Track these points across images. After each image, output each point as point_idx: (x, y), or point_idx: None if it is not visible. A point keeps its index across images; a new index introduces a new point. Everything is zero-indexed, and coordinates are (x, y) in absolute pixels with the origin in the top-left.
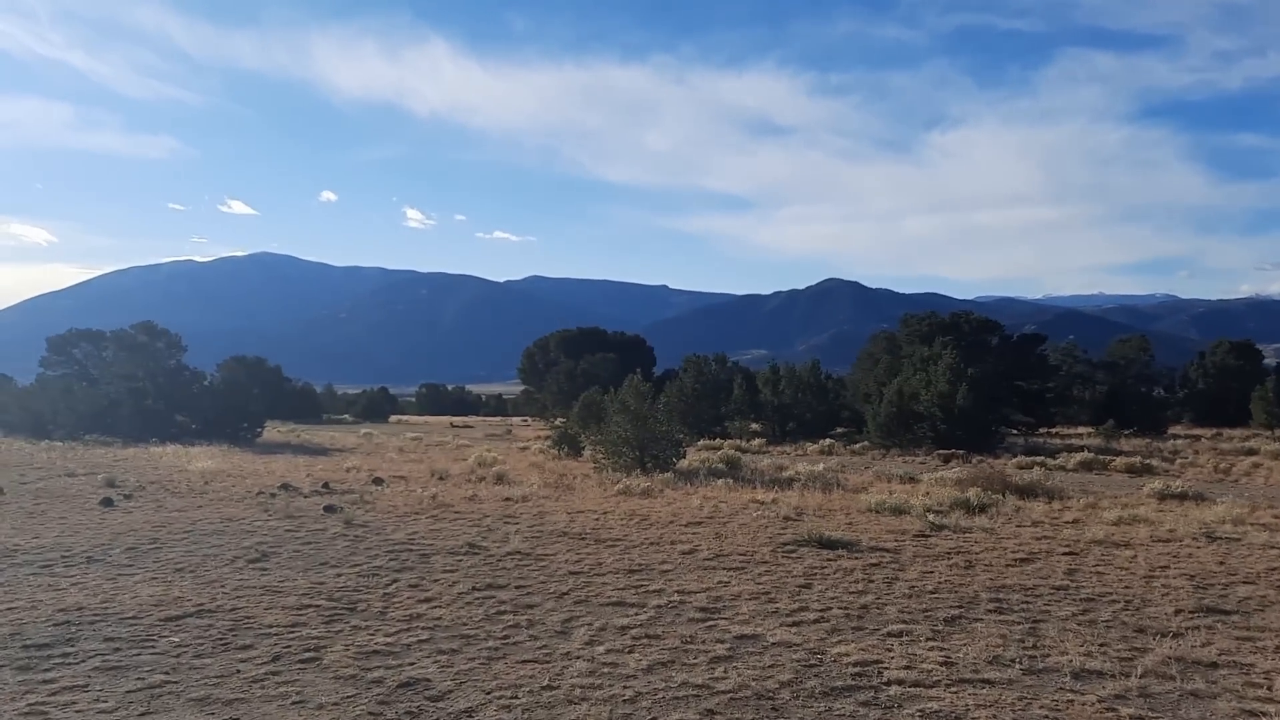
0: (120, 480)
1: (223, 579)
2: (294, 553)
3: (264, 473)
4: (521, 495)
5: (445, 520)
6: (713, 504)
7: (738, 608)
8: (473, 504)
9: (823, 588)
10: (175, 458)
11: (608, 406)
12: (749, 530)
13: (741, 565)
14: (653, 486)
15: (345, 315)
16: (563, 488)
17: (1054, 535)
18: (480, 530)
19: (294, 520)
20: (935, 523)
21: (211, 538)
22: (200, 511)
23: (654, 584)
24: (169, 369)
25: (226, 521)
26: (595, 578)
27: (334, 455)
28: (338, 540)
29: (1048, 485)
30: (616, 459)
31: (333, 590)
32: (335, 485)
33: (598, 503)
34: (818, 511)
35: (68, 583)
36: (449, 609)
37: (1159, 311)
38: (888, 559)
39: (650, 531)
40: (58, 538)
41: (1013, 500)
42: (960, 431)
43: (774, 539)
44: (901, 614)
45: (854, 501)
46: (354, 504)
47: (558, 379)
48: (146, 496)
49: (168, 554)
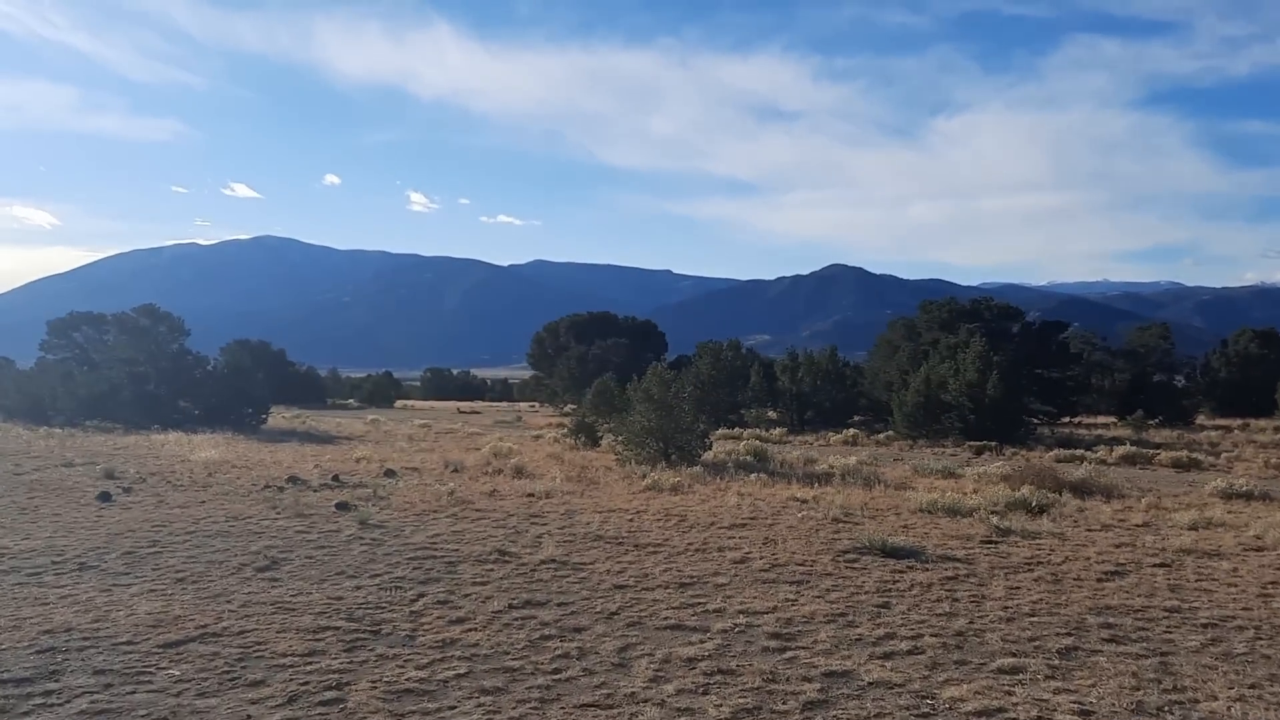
0: (119, 471)
1: (229, 591)
2: (306, 559)
3: (270, 463)
4: (544, 491)
5: (467, 520)
6: (750, 502)
7: (814, 634)
8: (494, 501)
9: (904, 608)
10: (177, 446)
11: (631, 395)
12: (800, 535)
13: (803, 578)
14: (682, 482)
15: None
16: (586, 482)
17: (1132, 542)
18: (507, 533)
19: (304, 519)
20: (999, 526)
21: (216, 540)
22: (203, 508)
23: (711, 601)
24: (171, 353)
25: (232, 520)
26: (644, 593)
27: (341, 443)
28: (353, 544)
29: (1101, 482)
30: (639, 451)
31: (352, 607)
32: (345, 478)
33: (626, 500)
34: (866, 512)
35: (56, 595)
36: (486, 633)
37: (1163, 299)
38: (963, 571)
39: (692, 535)
40: (50, 538)
41: (1071, 500)
42: (990, 422)
43: (830, 545)
44: (1006, 644)
45: (901, 500)
46: (367, 500)
47: (568, 364)
48: (146, 490)
49: (168, 559)
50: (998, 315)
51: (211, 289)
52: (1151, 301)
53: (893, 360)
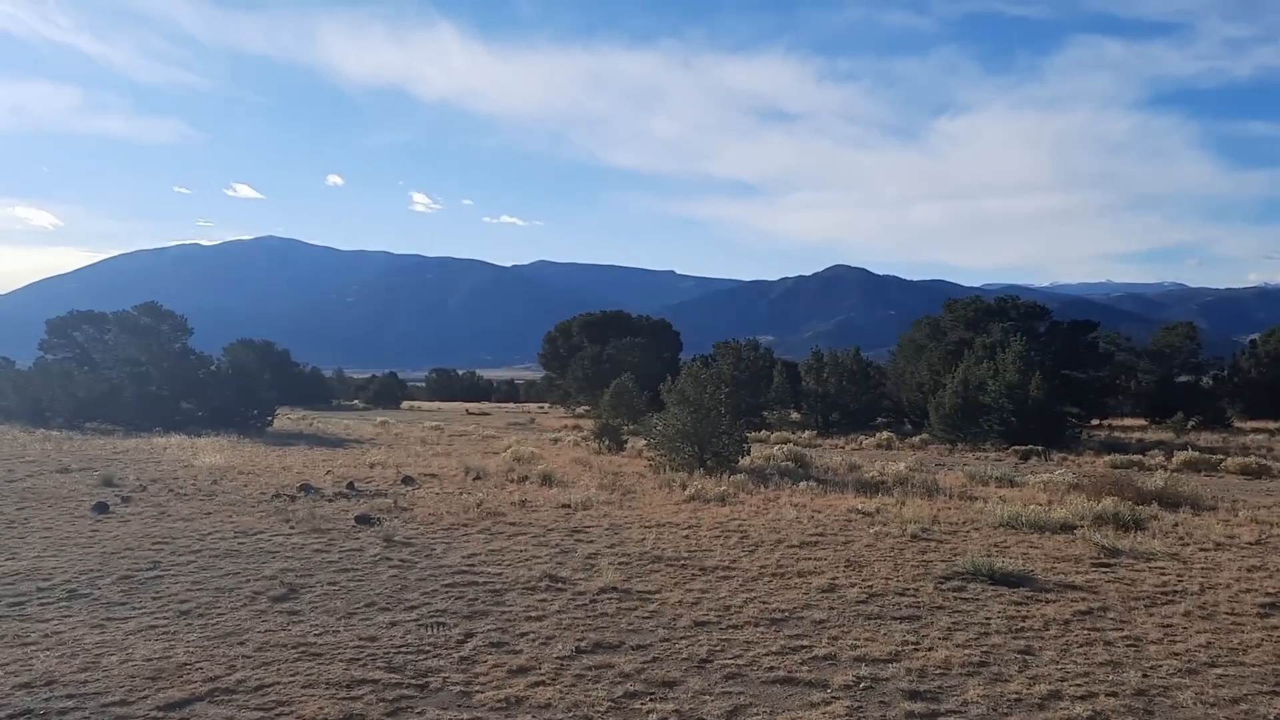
0: (118, 478)
1: (241, 629)
2: (328, 586)
3: (279, 469)
4: (580, 501)
5: (502, 536)
6: (808, 515)
7: (960, 691)
8: (527, 512)
9: (1052, 654)
10: (180, 450)
11: (664, 396)
12: (883, 555)
13: (912, 612)
14: (728, 491)
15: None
16: (621, 491)
17: (1262, 564)
18: (551, 552)
19: (322, 535)
20: (1104, 545)
21: (224, 561)
22: (209, 521)
23: (816, 644)
24: (174, 353)
25: (241, 536)
26: (732, 632)
27: (352, 447)
28: (380, 566)
29: (1183, 493)
30: (673, 456)
31: (390, 651)
32: (361, 485)
33: (672, 512)
34: (943, 527)
35: (39, 633)
36: (556, 688)
37: (1167, 300)
38: (1094, 604)
39: (761, 556)
40: (38, 558)
41: (1159, 513)
42: (1033, 425)
43: (924, 569)
44: (1206, 707)
45: (974, 513)
46: (389, 512)
47: (582, 365)
48: (147, 500)
49: (170, 585)
50: (1024, 314)
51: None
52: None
53: (920, 360)
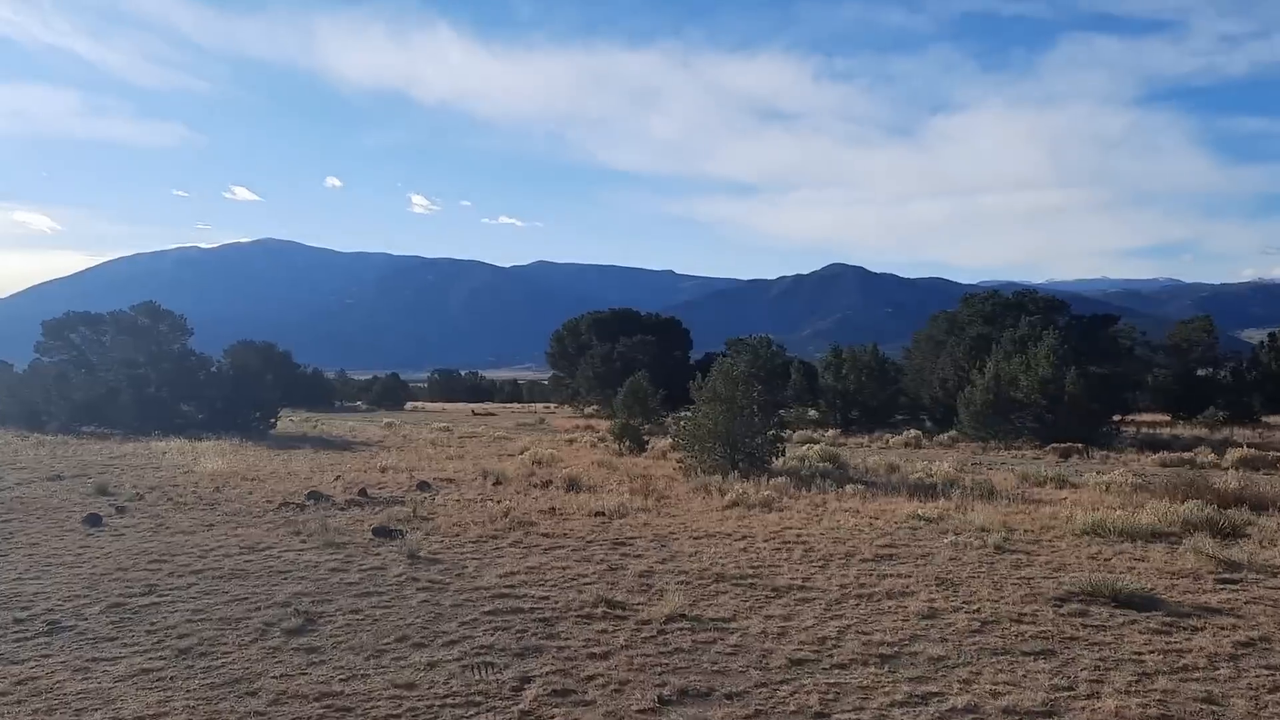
0: (114, 487)
1: (252, 673)
2: (351, 614)
3: (284, 475)
4: (614, 508)
5: (537, 549)
6: (867, 522)
7: None
8: (559, 521)
9: (1244, 705)
10: (180, 455)
11: (694, 394)
12: (973, 571)
13: (1043, 646)
14: (771, 495)
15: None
16: (655, 495)
17: None
18: (598, 570)
19: (338, 551)
20: (1218, 557)
21: (229, 583)
22: (212, 534)
23: (949, 691)
24: (173, 354)
25: (247, 553)
26: (838, 674)
27: (360, 450)
28: (407, 589)
29: (1266, 495)
30: (705, 458)
31: (433, 703)
32: (374, 492)
33: (717, 520)
34: (1022, 535)
35: (11, 679)
36: None
37: (1162, 296)
38: (1249, 631)
39: (834, 573)
40: (19, 580)
41: (1249, 516)
42: (1070, 422)
43: (1031, 588)
44: None
45: (1046, 518)
46: (407, 521)
47: (592, 363)
48: (144, 510)
49: (167, 615)
50: (1043, 308)
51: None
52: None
53: (939, 357)
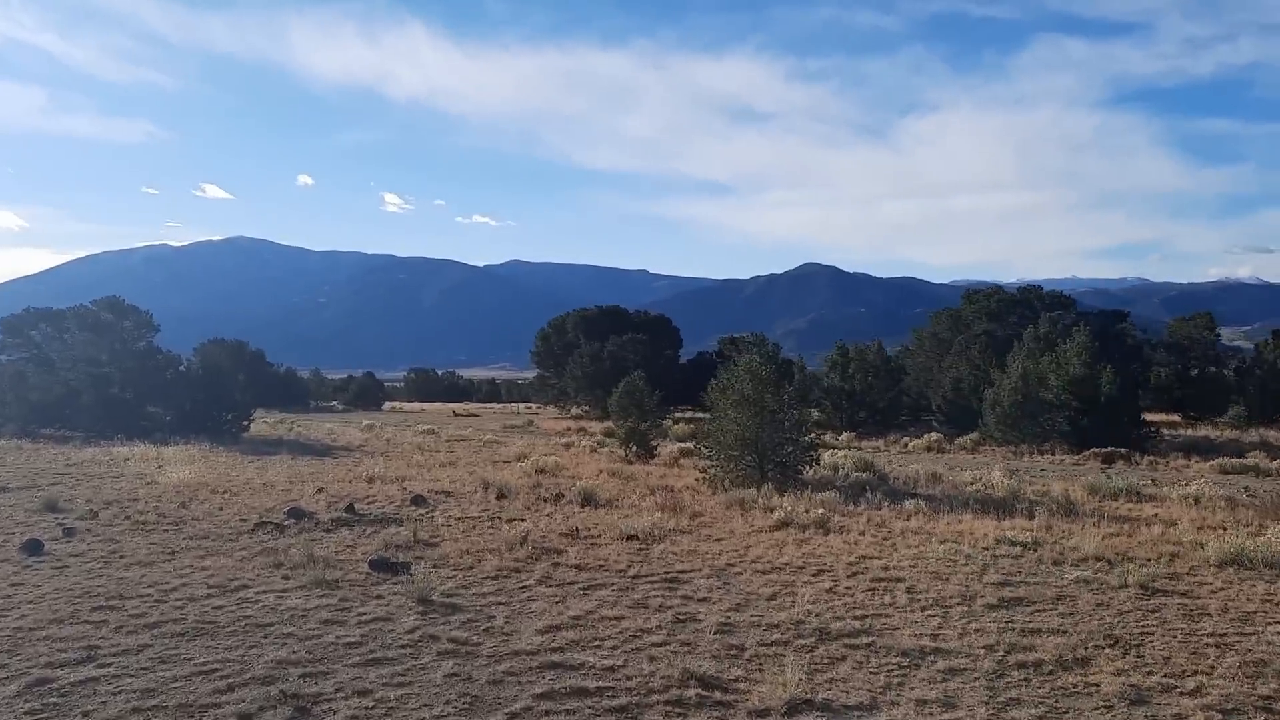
0: (65, 501)
1: None
2: (357, 697)
3: (260, 486)
4: (646, 530)
5: (576, 589)
6: (951, 548)
7: None
8: (587, 547)
9: None
10: (144, 462)
11: (714, 397)
12: (1141, 624)
13: None
14: (825, 514)
15: (324, 300)
16: (686, 514)
17: None
18: (661, 622)
19: (329, 592)
20: None
21: (193, 645)
22: (174, 566)
23: None
24: (138, 351)
25: (217, 594)
26: None
27: (341, 456)
28: (425, 652)
29: None
30: (731, 467)
31: None
32: (363, 508)
33: (771, 544)
34: (1159, 570)
35: None
36: None
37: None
38: None
39: (962, 625)
40: None
41: None
42: (1105, 424)
43: (1244, 657)
44: None
45: (1150, 541)
46: (408, 548)
47: (581, 363)
48: (96, 532)
49: (106, 703)
50: (1048, 305)
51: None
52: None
53: (949, 354)
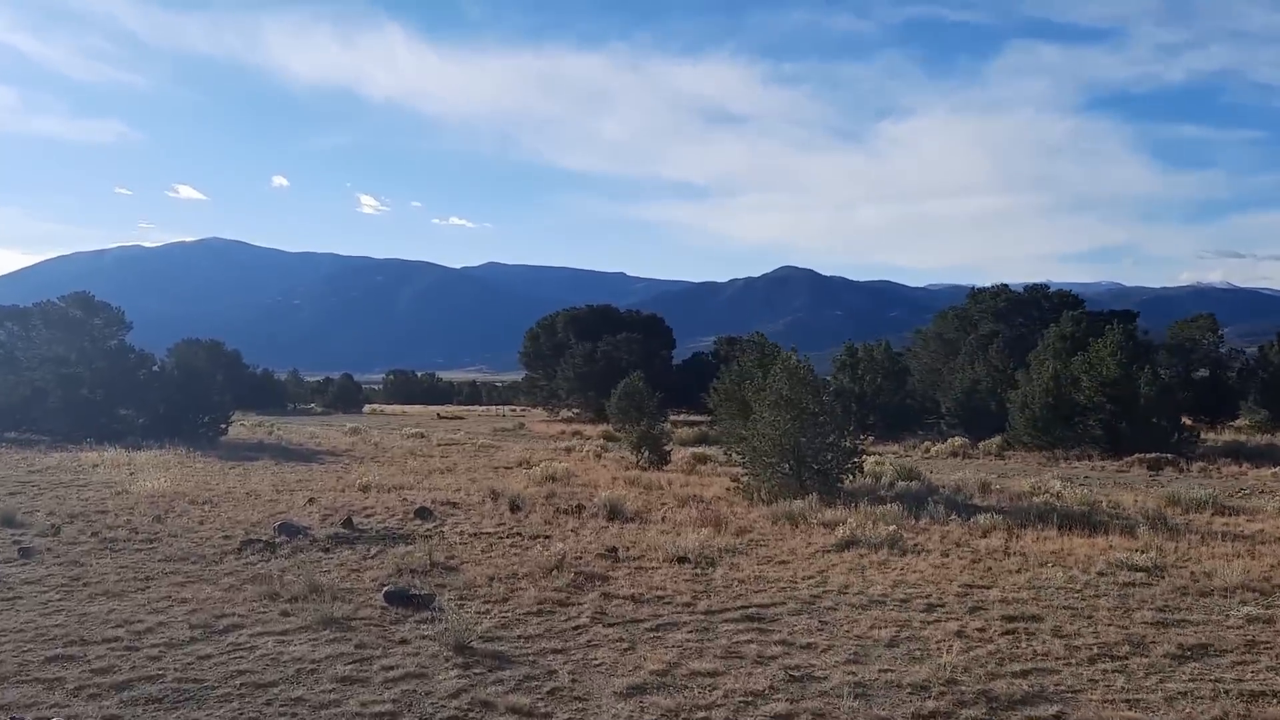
0: (24, 514)
1: None
2: None
3: (243, 496)
4: (695, 549)
5: (643, 628)
6: (1063, 573)
7: None
8: (634, 572)
9: None
10: (114, 469)
11: (749, 398)
12: None
13: None
14: (897, 533)
15: (299, 302)
16: (731, 529)
17: None
18: (772, 680)
19: (340, 634)
20: None
21: (174, 716)
22: (148, 595)
23: None
24: (109, 350)
25: (201, 639)
26: None
27: (328, 461)
28: None
29: None
30: (768, 475)
31: None
32: (362, 522)
33: (850, 570)
34: None
35: None
36: None
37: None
38: None
39: (1162, 690)
40: None
41: None
42: (1144, 428)
43: None
44: None
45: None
46: (425, 574)
47: (573, 363)
48: (58, 552)
49: None
50: (1056, 304)
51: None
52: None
53: (959, 356)
